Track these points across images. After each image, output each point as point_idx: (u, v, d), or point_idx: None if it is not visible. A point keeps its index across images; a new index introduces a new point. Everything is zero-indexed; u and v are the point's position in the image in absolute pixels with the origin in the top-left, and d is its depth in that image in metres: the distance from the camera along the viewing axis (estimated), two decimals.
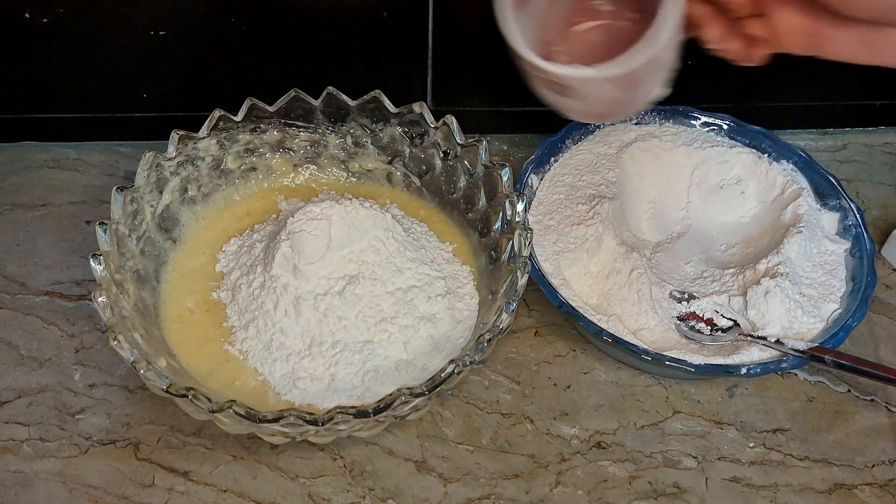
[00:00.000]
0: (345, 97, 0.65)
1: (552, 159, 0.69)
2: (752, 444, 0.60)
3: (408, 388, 0.51)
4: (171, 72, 0.71)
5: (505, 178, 0.61)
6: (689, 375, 0.60)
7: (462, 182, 0.65)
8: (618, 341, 0.58)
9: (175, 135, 0.62)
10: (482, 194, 0.63)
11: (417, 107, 0.64)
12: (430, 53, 0.71)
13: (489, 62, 0.73)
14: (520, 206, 0.60)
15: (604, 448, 0.59)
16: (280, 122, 0.66)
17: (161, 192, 0.62)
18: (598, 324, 0.59)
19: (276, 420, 0.50)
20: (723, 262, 0.66)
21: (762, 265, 0.63)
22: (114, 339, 0.51)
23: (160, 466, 0.57)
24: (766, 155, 0.70)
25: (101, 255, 0.54)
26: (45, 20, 0.65)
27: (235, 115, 0.64)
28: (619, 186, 0.68)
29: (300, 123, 0.66)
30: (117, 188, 0.58)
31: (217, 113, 0.63)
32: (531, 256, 0.60)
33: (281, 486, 0.56)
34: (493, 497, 0.56)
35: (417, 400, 0.51)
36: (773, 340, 0.59)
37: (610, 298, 0.62)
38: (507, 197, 0.60)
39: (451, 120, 0.64)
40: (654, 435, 0.60)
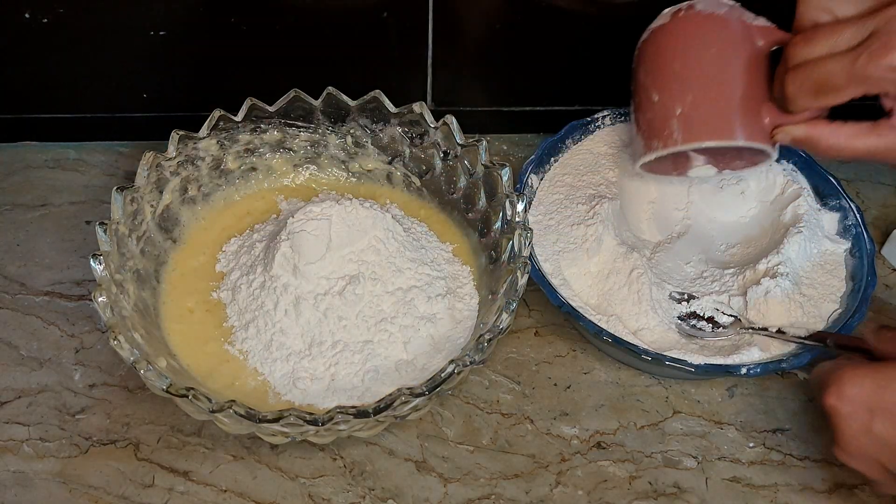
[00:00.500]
0: (345, 97, 0.65)
1: (552, 159, 0.69)
2: (752, 444, 0.59)
3: (408, 388, 0.51)
4: (171, 72, 0.71)
5: (505, 178, 0.61)
6: (689, 375, 0.60)
7: (462, 182, 0.65)
8: (618, 341, 0.58)
9: (175, 135, 0.62)
10: (482, 194, 0.63)
11: (417, 107, 0.64)
12: (430, 53, 0.71)
13: (489, 62, 0.73)
14: (520, 206, 0.60)
15: (604, 448, 0.59)
16: (280, 122, 0.66)
17: (161, 192, 0.62)
18: (598, 324, 0.59)
19: (276, 420, 0.50)
20: (723, 262, 0.66)
21: (762, 265, 0.63)
22: (114, 339, 0.51)
23: (160, 466, 0.57)
24: None
25: (101, 255, 0.54)
26: (45, 20, 0.65)
27: (235, 115, 0.64)
28: (619, 186, 0.68)
29: (300, 123, 0.66)
30: (117, 188, 0.58)
31: (217, 113, 0.63)
32: (531, 256, 0.60)
33: (281, 486, 0.56)
34: (493, 497, 0.56)
35: (417, 400, 0.51)
36: (773, 331, 0.59)
37: (610, 298, 0.62)
38: (507, 197, 0.60)
39: (451, 120, 0.64)
40: (654, 435, 0.60)
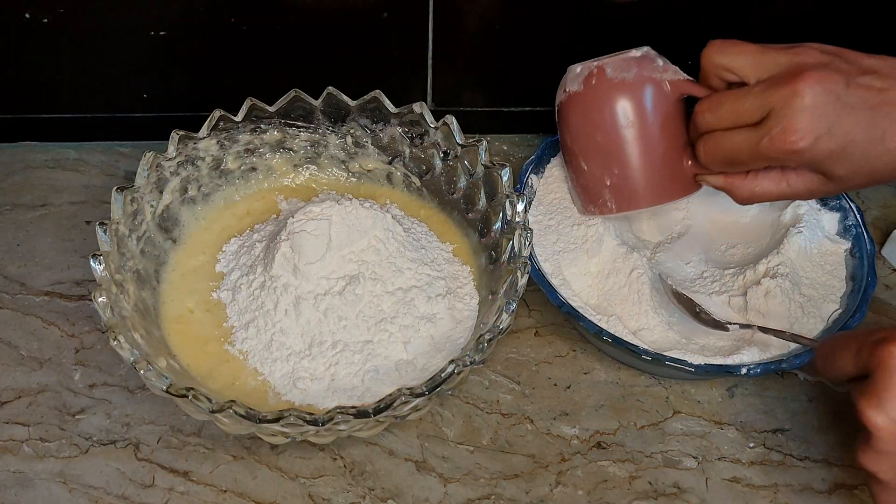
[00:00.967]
0: (345, 97, 0.65)
1: (552, 159, 0.69)
2: (752, 444, 0.60)
3: (408, 388, 0.51)
4: (171, 72, 0.71)
5: (505, 178, 0.61)
6: (689, 375, 0.60)
7: (462, 182, 0.65)
8: (618, 341, 0.58)
9: (175, 135, 0.62)
10: (482, 194, 0.63)
11: (417, 107, 0.64)
12: (430, 53, 0.71)
13: (489, 62, 0.73)
14: (520, 206, 0.60)
15: (604, 448, 0.59)
16: (280, 122, 0.66)
17: (161, 192, 0.62)
18: (598, 324, 0.59)
19: (276, 420, 0.50)
20: (723, 262, 0.66)
21: (762, 265, 0.63)
22: (114, 339, 0.51)
23: (160, 466, 0.57)
24: None
25: (101, 255, 0.54)
26: (45, 20, 0.65)
27: (235, 115, 0.64)
28: None
29: (300, 123, 0.66)
30: (117, 188, 0.58)
31: (217, 113, 0.63)
32: (531, 256, 0.60)
33: (281, 486, 0.56)
34: (493, 497, 0.56)
35: (417, 400, 0.51)
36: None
37: (610, 298, 0.62)
38: (507, 197, 0.60)
39: (451, 120, 0.64)
40: (654, 435, 0.60)
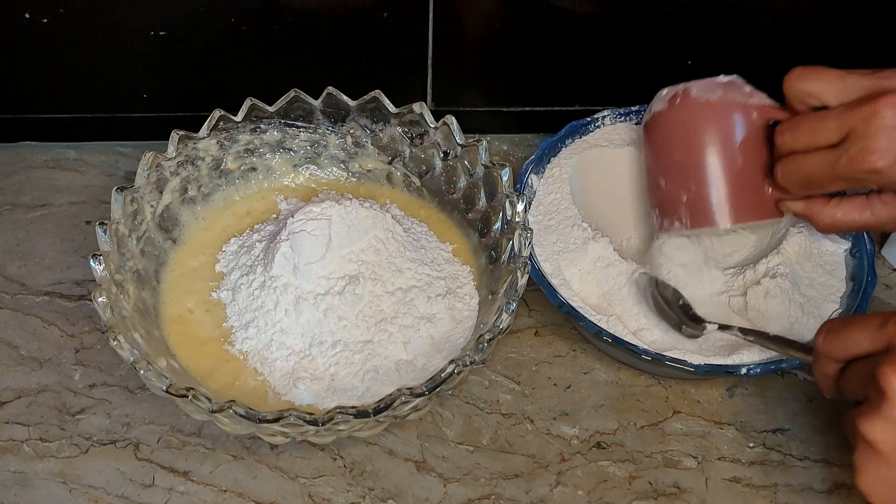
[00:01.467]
0: (345, 97, 0.65)
1: (552, 159, 0.69)
2: (752, 444, 0.59)
3: (408, 388, 0.51)
4: (171, 72, 0.71)
5: (505, 178, 0.61)
6: (689, 375, 0.60)
7: (462, 182, 0.65)
8: (618, 341, 0.58)
9: (175, 135, 0.62)
10: (482, 194, 0.63)
11: (417, 107, 0.64)
12: (430, 53, 0.71)
13: (489, 62, 0.73)
14: (520, 206, 0.60)
15: (604, 448, 0.59)
16: (280, 122, 0.66)
17: (161, 192, 0.62)
18: (598, 324, 0.59)
19: (276, 420, 0.49)
20: (723, 263, 0.66)
21: (762, 265, 0.63)
22: (114, 340, 0.51)
23: (160, 466, 0.57)
24: None
25: (101, 255, 0.54)
26: (45, 20, 0.65)
27: (235, 115, 0.64)
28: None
29: (300, 123, 0.66)
30: (117, 188, 0.58)
31: (217, 113, 0.63)
32: (531, 256, 0.60)
33: (281, 486, 0.56)
34: (493, 497, 0.56)
35: (417, 400, 0.51)
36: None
37: (610, 298, 0.62)
38: (507, 197, 0.60)
39: (451, 120, 0.63)
40: (654, 435, 0.60)
